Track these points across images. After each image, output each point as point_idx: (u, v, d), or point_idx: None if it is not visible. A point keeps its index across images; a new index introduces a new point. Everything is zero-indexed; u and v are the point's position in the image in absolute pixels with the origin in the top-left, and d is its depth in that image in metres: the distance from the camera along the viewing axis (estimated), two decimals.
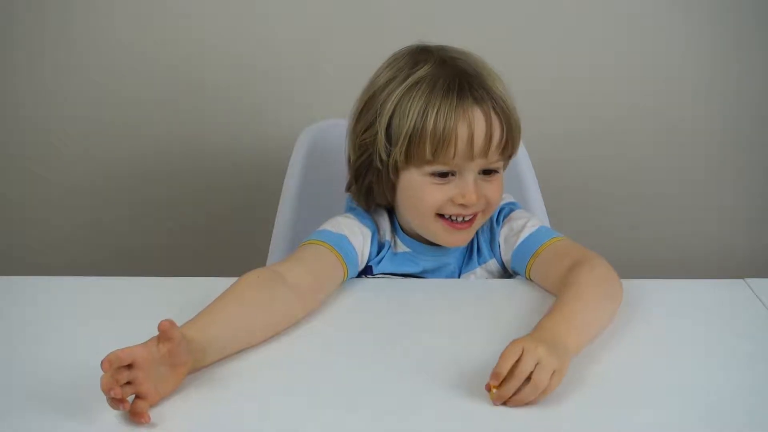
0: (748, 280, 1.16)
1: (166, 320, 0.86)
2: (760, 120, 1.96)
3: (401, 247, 1.23)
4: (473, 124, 1.10)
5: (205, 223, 2.03)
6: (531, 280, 1.18)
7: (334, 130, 1.57)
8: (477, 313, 1.09)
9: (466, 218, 1.16)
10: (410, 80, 1.12)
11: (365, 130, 1.16)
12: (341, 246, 1.15)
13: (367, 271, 1.22)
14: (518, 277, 1.22)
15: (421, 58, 1.15)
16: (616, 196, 2.01)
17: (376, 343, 1.01)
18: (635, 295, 1.11)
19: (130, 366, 0.84)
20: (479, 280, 1.24)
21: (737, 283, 1.15)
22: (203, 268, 2.02)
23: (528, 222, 1.21)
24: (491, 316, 1.08)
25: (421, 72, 1.13)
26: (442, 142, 1.10)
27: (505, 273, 1.24)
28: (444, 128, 1.09)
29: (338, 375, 0.93)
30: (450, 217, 1.16)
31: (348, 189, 1.24)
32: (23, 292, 1.13)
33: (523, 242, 1.19)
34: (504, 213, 1.24)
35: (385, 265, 1.22)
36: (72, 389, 0.88)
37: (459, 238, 1.19)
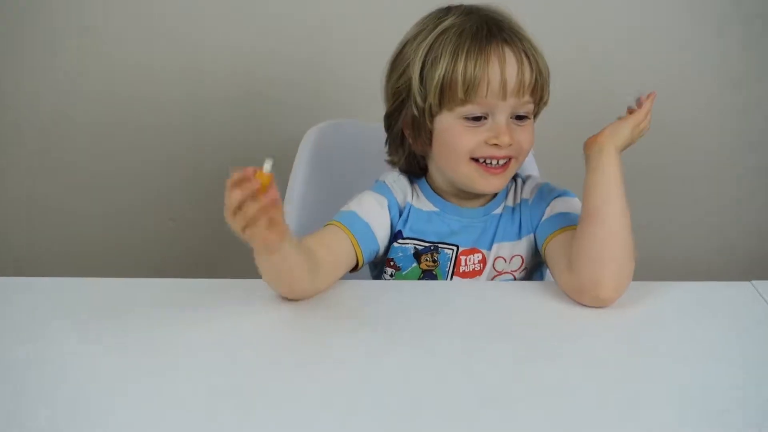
0: (755, 282, 1.15)
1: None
2: (764, 120, 1.95)
3: (429, 206, 1.25)
4: (504, 63, 1.14)
5: (209, 224, 2.03)
6: (544, 255, 1.18)
7: (339, 130, 1.57)
8: (485, 315, 1.08)
9: (501, 162, 1.17)
10: (438, 29, 1.16)
11: (398, 79, 1.20)
12: (352, 223, 1.18)
13: (397, 237, 1.24)
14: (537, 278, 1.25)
15: (446, 13, 1.19)
16: None
17: (382, 343, 1.00)
18: (640, 297, 1.11)
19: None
20: (488, 282, 1.23)
21: (743, 285, 1.15)
22: (206, 270, 2.02)
23: (579, 206, 1.18)
24: (500, 318, 1.07)
25: (448, 22, 1.16)
26: (473, 83, 1.13)
27: (536, 251, 1.24)
28: (475, 68, 1.13)
29: (344, 376, 0.92)
30: (485, 161, 1.17)
31: (386, 143, 1.28)
32: (23, 294, 1.13)
33: (559, 214, 1.20)
34: (559, 192, 1.24)
35: (414, 225, 1.24)
36: (74, 388, 0.88)
37: (494, 183, 1.19)
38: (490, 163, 1.17)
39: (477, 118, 1.16)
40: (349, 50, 1.88)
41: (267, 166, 0.88)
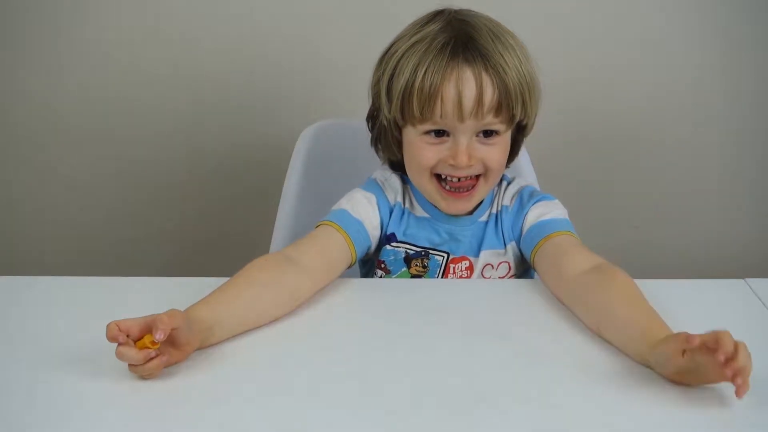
0: (749, 280, 1.16)
1: (165, 315, 0.88)
2: (760, 120, 1.96)
3: (421, 212, 1.24)
4: (461, 85, 1.10)
5: (206, 223, 2.04)
6: (534, 266, 1.18)
7: (335, 129, 1.58)
8: (479, 313, 1.09)
9: (461, 179, 1.16)
10: (414, 38, 1.14)
11: (375, 84, 1.20)
12: (344, 221, 1.17)
13: (390, 239, 1.23)
14: (525, 276, 1.24)
15: (434, 18, 1.16)
16: (617, 196, 2.02)
17: (375, 342, 1.01)
18: None
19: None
20: (482, 280, 1.24)
21: (737, 283, 1.15)
22: (204, 269, 2.02)
23: (556, 210, 1.20)
24: (494, 316, 1.08)
25: (425, 31, 1.14)
26: (428, 101, 1.11)
27: (523, 258, 1.24)
28: (430, 86, 1.10)
29: (338, 374, 0.93)
30: (445, 178, 1.16)
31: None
32: (23, 292, 1.13)
33: (540, 224, 1.18)
34: (536, 198, 1.23)
35: (408, 231, 1.23)
36: (73, 388, 0.89)
37: (456, 206, 1.19)
38: (451, 180, 1.16)
39: (440, 134, 1.14)
40: (344, 50, 1.88)
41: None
